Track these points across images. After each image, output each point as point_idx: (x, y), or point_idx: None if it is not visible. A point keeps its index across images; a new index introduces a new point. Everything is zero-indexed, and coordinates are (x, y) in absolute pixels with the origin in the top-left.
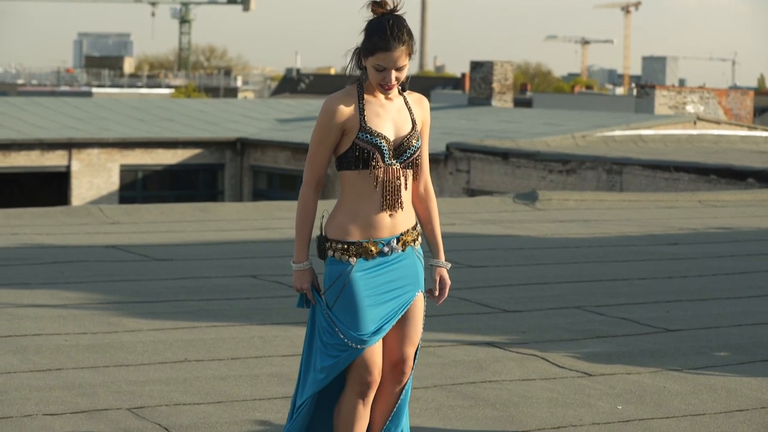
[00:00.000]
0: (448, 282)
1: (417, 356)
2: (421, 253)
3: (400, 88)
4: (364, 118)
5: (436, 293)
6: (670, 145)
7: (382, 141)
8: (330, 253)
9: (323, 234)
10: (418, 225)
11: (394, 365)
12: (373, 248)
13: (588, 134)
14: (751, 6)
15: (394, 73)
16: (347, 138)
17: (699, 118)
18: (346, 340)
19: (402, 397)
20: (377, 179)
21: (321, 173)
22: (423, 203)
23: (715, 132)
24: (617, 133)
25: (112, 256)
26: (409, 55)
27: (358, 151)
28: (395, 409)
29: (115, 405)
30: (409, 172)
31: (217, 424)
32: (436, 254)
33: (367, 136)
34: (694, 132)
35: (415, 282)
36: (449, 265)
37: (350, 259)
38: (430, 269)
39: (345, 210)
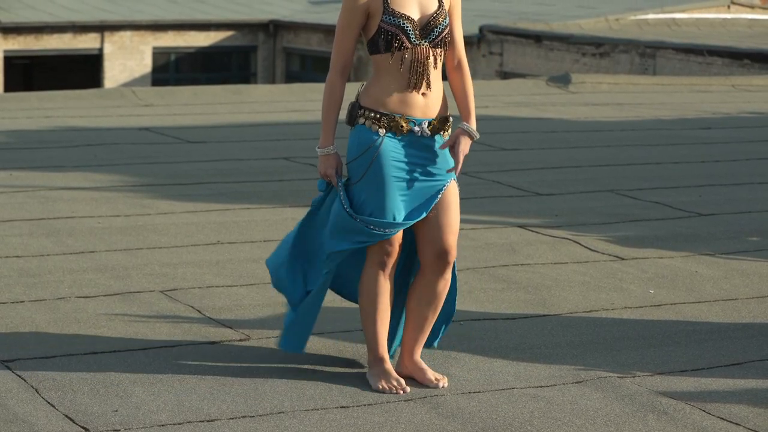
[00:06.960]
0: (464, 148)
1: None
2: None
3: None
4: (387, 1)
5: (453, 153)
6: (703, 29)
7: (405, 22)
8: (361, 120)
9: (357, 101)
10: (451, 118)
11: (438, 255)
12: (404, 124)
13: (621, 17)
14: None
15: None
16: (373, 21)
17: (733, 2)
18: (371, 228)
19: (448, 290)
20: (403, 60)
21: (347, 58)
22: (458, 77)
23: (749, 16)
24: (650, 16)
25: (145, 139)
26: None
27: (384, 34)
28: (437, 300)
29: (148, 287)
30: (439, 51)
31: (250, 306)
32: (466, 118)
33: (390, 18)
34: (728, 16)
35: (445, 170)
36: (476, 132)
37: (380, 130)
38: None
39: (379, 85)
